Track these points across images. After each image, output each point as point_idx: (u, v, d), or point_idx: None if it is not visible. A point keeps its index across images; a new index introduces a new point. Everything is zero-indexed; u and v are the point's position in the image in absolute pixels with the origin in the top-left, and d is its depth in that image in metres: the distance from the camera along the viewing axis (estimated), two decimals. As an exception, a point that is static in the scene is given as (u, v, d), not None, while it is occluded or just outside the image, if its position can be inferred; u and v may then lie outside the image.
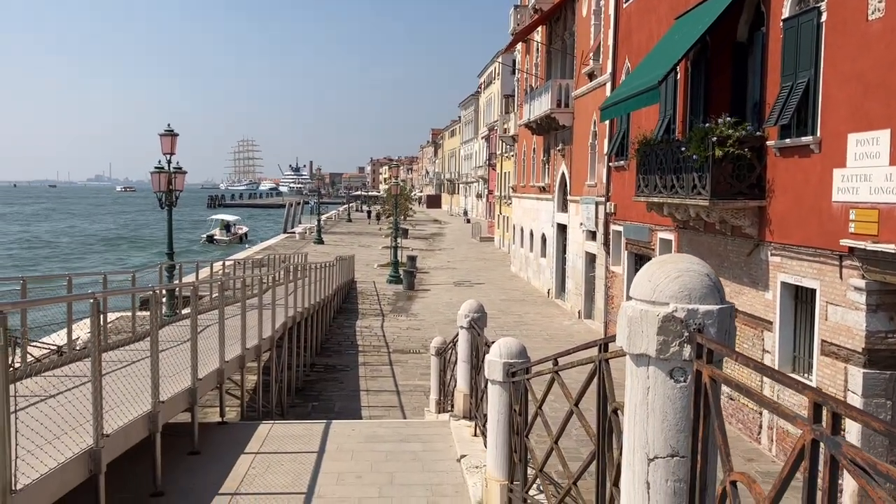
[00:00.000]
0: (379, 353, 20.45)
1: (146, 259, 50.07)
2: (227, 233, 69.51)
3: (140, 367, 8.23)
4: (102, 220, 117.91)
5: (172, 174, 19.81)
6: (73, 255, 63.58)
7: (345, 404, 15.69)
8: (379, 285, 33.21)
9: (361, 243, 55.14)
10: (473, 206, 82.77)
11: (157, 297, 7.48)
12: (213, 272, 20.21)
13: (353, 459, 8.25)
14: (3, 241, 71.93)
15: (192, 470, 7.86)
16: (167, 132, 19.65)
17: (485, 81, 71.23)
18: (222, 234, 69.23)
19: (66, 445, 5.51)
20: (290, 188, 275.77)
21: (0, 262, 56.27)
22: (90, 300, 6.01)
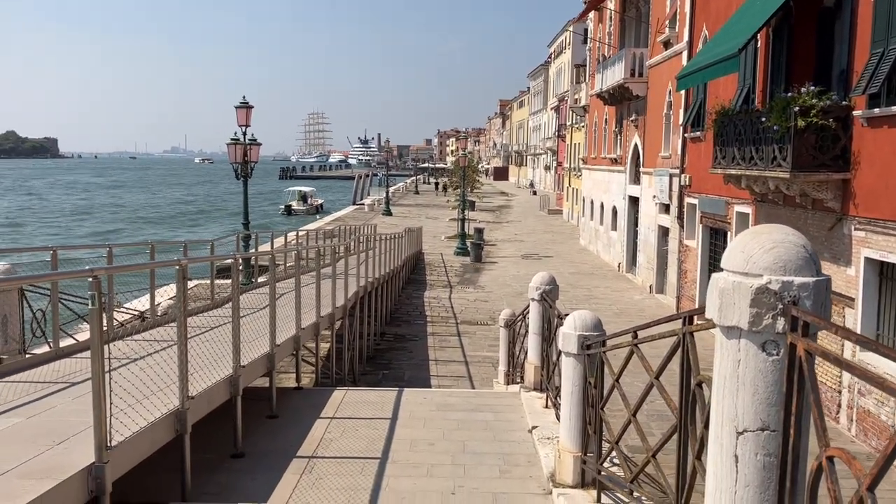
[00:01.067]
0: (447, 323, 20.59)
1: (226, 228, 51.36)
2: (304, 203, 71.09)
3: (219, 333, 8.46)
4: (188, 190, 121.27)
5: (247, 146, 20.21)
6: (159, 223, 65.82)
7: (414, 373, 15.89)
8: (446, 257, 33.35)
9: (428, 215, 55.37)
10: (541, 179, 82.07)
11: (237, 264, 7.67)
12: (286, 242, 20.61)
13: (425, 427, 8.36)
14: (94, 210, 75.00)
15: (271, 433, 8.09)
16: (242, 104, 20.02)
17: (555, 51, 70.18)
18: (299, 204, 70.84)
19: (155, 406, 5.72)
20: (358, 160, 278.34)
21: (91, 229, 58.69)
22: (176, 266, 6.20)
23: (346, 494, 6.24)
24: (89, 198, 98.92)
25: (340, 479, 6.61)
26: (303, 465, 6.99)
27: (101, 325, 4.58)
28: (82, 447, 5.03)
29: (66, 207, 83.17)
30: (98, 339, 4.58)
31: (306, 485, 6.51)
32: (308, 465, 7.02)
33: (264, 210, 74.07)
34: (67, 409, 6.34)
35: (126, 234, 55.30)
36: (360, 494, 6.26)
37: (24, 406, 6.40)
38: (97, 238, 50.69)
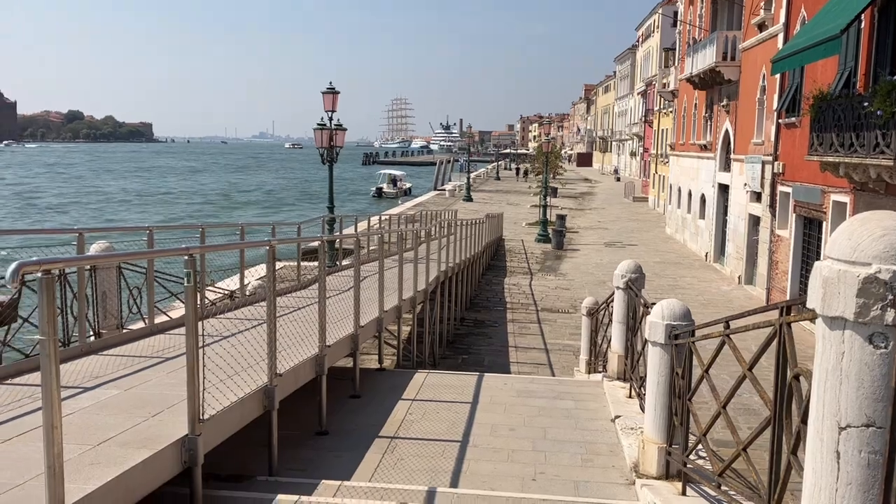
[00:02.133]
0: (527, 310, 20.49)
1: (314, 212, 52.49)
2: (394, 187, 72.30)
3: (305, 314, 8.63)
4: (277, 174, 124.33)
5: (333, 131, 20.53)
6: (251, 206, 67.84)
7: (494, 359, 15.89)
8: (527, 244, 33.16)
9: (509, 201, 55.13)
10: (627, 165, 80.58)
11: (324, 246, 7.81)
12: (369, 226, 20.88)
13: (505, 413, 8.35)
14: (193, 193, 77.96)
15: (354, 412, 8.23)
16: (329, 90, 20.31)
17: (643, 34, 68.56)
18: (389, 187, 72.08)
19: (245, 381, 5.89)
20: (440, 146, 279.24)
21: (188, 210, 60.88)
22: (266, 247, 6.36)
23: (427, 475, 6.29)
24: (187, 179, 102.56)
25: (421, 461, 6.67)
26: (385, 445, 7.09)
27: (195, 301, 4.74)
28: (176, 419, 5.22)
29: (165, 188, 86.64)
30: (193, 315, 4.73)
31: (388, 464, 6.59)
32: (390, 445, 7.11)
33: (349, 194, 75.60)
34: (162, 382, 6.59)
35: (218, 216, 57.18)
36: (440, 476, 6.31)
37: (122, 378, 6.69)
38: (192, 219, 52.57)
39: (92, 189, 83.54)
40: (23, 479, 4.14)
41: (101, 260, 8.45)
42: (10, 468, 4.33)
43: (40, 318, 3.44)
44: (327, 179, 21.61)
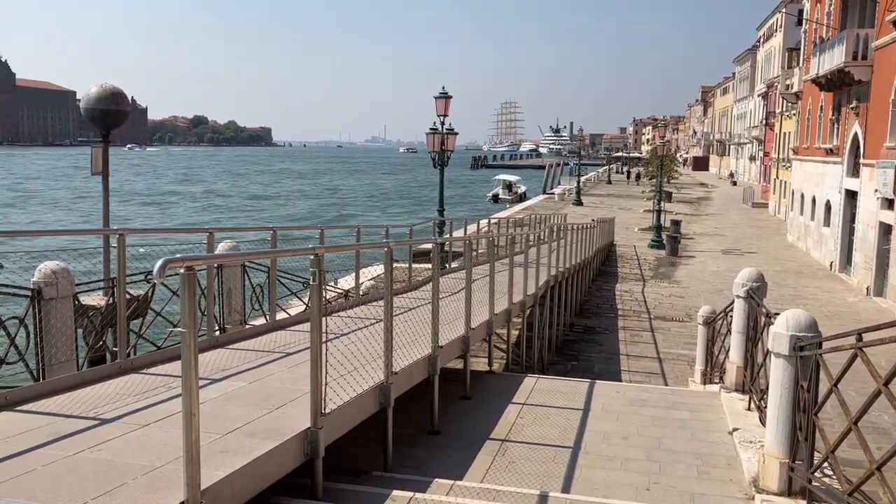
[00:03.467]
0: (639, 318, 20.08)
1: (427, 214, 53.28)
2: (509, 192, 72.50)
3: (417, 314, 8.79)
4: (392, 177, 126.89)
5: (445, 135, 20.77)
6: (368, 208, 69.53)
7: (604, 366, 15.66)
8: (640, 249, 32.49)
9: (621, 206, 54.15)
10: (745, 169, 77.62)
11: (437, 249, 7.94)
12: (479, 229, 20.99)
13: (618, 421, 8.22)
14: (315, 194, 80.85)
15: (465, 413, 8.31)
16: (441, 94, 20.57)
17: (765, 34, 65.91)
18: (505, 193, 72.35)
19: (363, 378, 6.05)
20: (549, 149, 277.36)
21: (306, 211, 63.07)
22: (384, 248, 6.52)
23: (538, 480, 6.28)
24: (308, 182, 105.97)
25: (533, 465, 6.66)
26: (496, 448, 7.12)
27: (320, 299, 4.92)
28: (298, 412, 5.43)
29: (287, 190, 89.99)
30: (318, 312, 4.92)
31: (500, 467, 6.62)
32: (501, 447, 7.14)
33: (460, 197, 76.45)
34: (284, 376, 6.86)
35: (336, 217, 58.83)
36: (552, 481, 6.28)
37: (247, 372, 7.01)
38: (312, 220, 54.34)
39: (213, 190, 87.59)
40: (161, 463, 4.41)
41: (237, 258, 8.89)
42: (150, 452, 4.62)
43: (182, 311, 3.67)
44: (438, 183, 21.86)
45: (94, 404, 5.68)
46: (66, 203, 66.76)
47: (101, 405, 5.66)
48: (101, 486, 4.08)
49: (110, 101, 10.36)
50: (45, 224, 49.83)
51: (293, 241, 11.59)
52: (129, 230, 7.06)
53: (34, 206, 64.17)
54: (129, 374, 6.71)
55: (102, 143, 10.61)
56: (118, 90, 10.56)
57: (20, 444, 4.72)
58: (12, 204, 64.89)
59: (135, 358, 7.12)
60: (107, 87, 10.49)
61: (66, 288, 7.62)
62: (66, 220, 52.25)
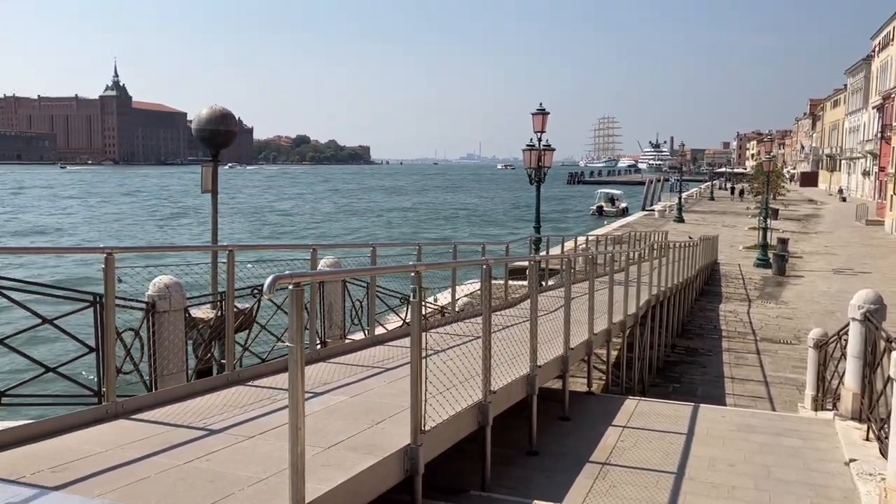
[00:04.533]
0: (744, 340, 19.32)
1: (525, 231, 53.05)
2: (612, 206, 71.84)
3: (514, 332, 8.70)
4: (494, 193, 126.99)
5: (542, 151, 20.71)
6: (466, 223, 69.85)
7: (707, 389, 15.12)
8: (744, 268, 31.34)
9: (724, 223, 52.45)
10: (858, 185, 73.96)
11: (535, 266, 7.86)
12: (576, 246, 20.75)
13: (724, 447, 7.91)
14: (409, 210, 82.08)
15: (563, 435, 8.17)
16: (539, 111, 20.54)
17: (880, 43, 62.84)
18: (608, 206, 71.74)
19: (461, 395, 6.01)
20: (648, 165, 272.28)
21: (401, 228, 63.98)
22: (482, 266, 6.51)
23: (641, 506, 6.10)
24: (408, 199, 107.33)
25: (635, 490, 6.47)
26: (596, 471, 6.96)
27: (420, 315, 4.94)
28: (398, 428, 5.46)
29: (386, 207, 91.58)
30: (418, 328, 4.94)
31: (600, 490, 6.47)
32: (601, 471, 6.97)
33: (559, 213, 76.01)
34: (383, 391, 6.93)
35: (432, 233, 59.27)
36: (655, 508, 6.08)
37: (348, 386, 7.12)
38: (411, 236, 54.95)
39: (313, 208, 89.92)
40: (266, 475, 4.52)
41: (342, 275, 9.07)
42: (256, 463, 4.74)
43: (289, 327, 3.75)
44: (535, 199, 21.76)
45: (203, 415, 5.88)
46: (177, 218, 69.95)
47: (210, 416, 5.86)
48: (209, 496, 4.20)
49: (219, 121, 10.80)
50: (158, 239, 52.30)
51: (392, 258, 11.73)
52: (238, 246, 7.32)
53: (151, 221, 67.49)
54: (235, 385, 6.92)
55: (212, 163, 11.08)
56: (227, 111, 11.00)
57: (135, 451, 4.93)
58: (124, 218, 68.51)
59: (241, 370, 7.35)
60: (216, 108, 10.94)
61: (178, 301, 7.96)
62: (178, 235, 54.68)
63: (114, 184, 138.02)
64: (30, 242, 45.76)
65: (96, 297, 6.70)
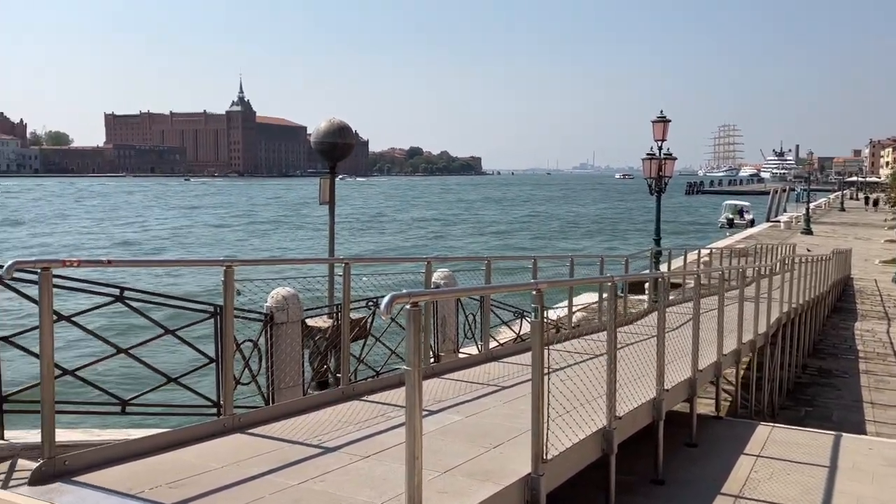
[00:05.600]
0: (885, 361, 17.89)
1: (638, 241, 51.60)
2: (741, 217, 69.23)
3: (634, 351, 8.24)
4: (607, 204, 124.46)
5: (662, 160, 19.97)
6: (584, 234, 68.65)
7: (844, 414, 14.02)
8: (882, 284, 29.24)
9: (857, 235, 49.36)
10: None
11: (665, 283, 7.40)
12: (699, 259, 19.85)
13: (873, 483, 7.17)
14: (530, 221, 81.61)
15: (691, 462, 7.65)
16: (659, 119, 19.84)
17: None
18: (737, 218, 69.20)
19: (582, 419, 5.65)
20: (772, 174, 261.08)
21: (519, 239, 63.45)
22: (608, 282, 6.15)
23: (781, 547, 5.56)
24: (524, 210, 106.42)
25: (773, 529, 5.93)
26: (729, 504, 6.44)
27: (542, 337, 4.65)
28: (517, 454, 5.18)
29: (500, 218, 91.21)
30: (540, 352, 4.64)
31: (734, 528, 5.96)
32: (735, 504, 6.45)
33: (680, 224, 73.68)
34: (499, 412, 6.66)
35: (547, 245, 58.31)
36: (798, 551, 5.53)
37: (463, 405, 6.88)
38: (528, 247, 54.30)
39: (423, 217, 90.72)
40: (381, 500, 4.33)
41: (460, 293, 8.91)
42: (371, 486, 4.56)
43: (407, 349, 3.54)
44: (654, 210, 21.01)
45: (319, 431, 5.78)
46: (294, 229, 72.05)
47: (325, 432, 5.75)
48: (323, 521, 4.05)
49: (337, 134, 10.86)
50: (275, 250, 53.92)
51: (506, 272, 11.47)
52: (354, 259, 7.24)
53: (272, 232, 69.74)
54: (350, 400, 6.82)
55: (329, 175, 11.16)
56: (345, 124, 11.06)
57: (251, 468, 4.86)
58: (243, 229, 71.20)
59: (356, 384, 7.25)
60: (334, 121, 11.02)
61: (296, 313, 7.98)
62: (294, 247, 56.18)
63: (234, 194, 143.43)
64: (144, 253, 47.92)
65: (216, 308, 6.77)
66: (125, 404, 6.20)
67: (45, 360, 4.52)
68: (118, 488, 4.39)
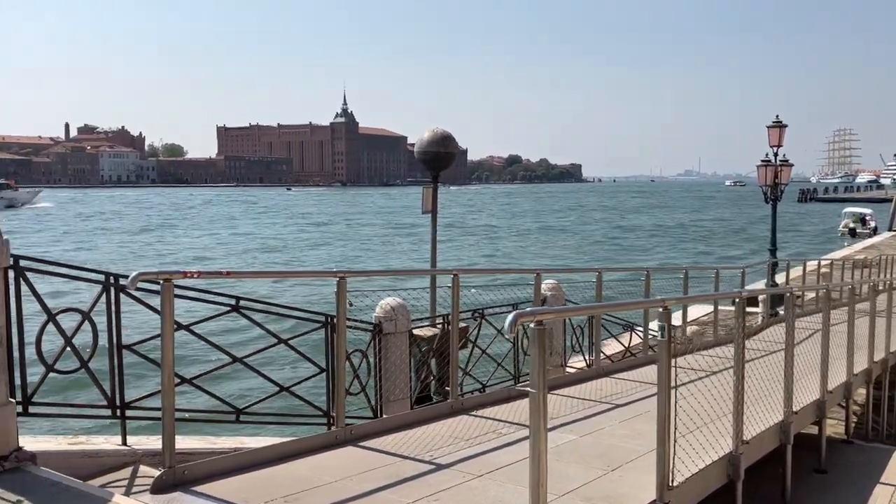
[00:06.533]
0: None
1: (752, 249, 49.04)
2: (863, 226, 65.66)
3: (756, 368, 7.77)
4: (726, 212, 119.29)
5: (779, 167, 19.03)
6: (696, 242, 65.55)
7: None
8: None
9: None
10: None
11: (792, 299, 6.94)
12: (819, 271, 18.82)
13: None
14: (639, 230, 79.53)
15: (821, 490, 7.14)
16: (775, 124, 18.90)
17: None
18: (858, 226, 65.73)
19: (707, 441, 5.29)
20: (893, 180, 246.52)
21: (641, 248, 61.33)
22: (736, 298, 5.79)
23: None
24: (633, 217, 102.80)
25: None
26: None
27: (670, 360, 4.37)
28: (636, 478, 4.93)
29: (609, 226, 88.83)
30: (666, 374, 4.37)
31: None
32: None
33: (794, 234, 70.18)
34: (615, 432, 6.39)
35: (652, 256, 55.63)
36: None
37: (575, 423, 6.64)
38: (628, 257, 52.40)
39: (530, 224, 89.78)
40: (496, 524, 4.17)
41: (583, 311, 8.65)
42: (486, 509, 4.41)
43: (532, 370, 3.37)
44: (770, 219, 20.02)
45: (430, 446, 5.67)
46: (397, 239, 72.39)
47: (436, 448, 5.64)
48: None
49: (441, 143, 10.80)
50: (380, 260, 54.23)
51: (618, 284, 11.08)
52: (463, 270, 7.14)
53: (381, 241, 69.97)
54: (460, 415, 6.70)
55: (432, 184, 11.11)
56: (448, 134, 10.99)
57: (365, 483, 4.79)
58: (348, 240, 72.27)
59: (464, 399, 7.13)
60: (438, 131, 10.97)
61: (403, 324, 7.92)
62: (397, 258, 56.40)
63: (334, 202, 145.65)
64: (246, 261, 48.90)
65: (328, 318, 6.77)
66: (239, 412, 6.25)
67: (166, 369, 4.59)
68: (234, 500, 4.40)
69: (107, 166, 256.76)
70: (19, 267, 4.86)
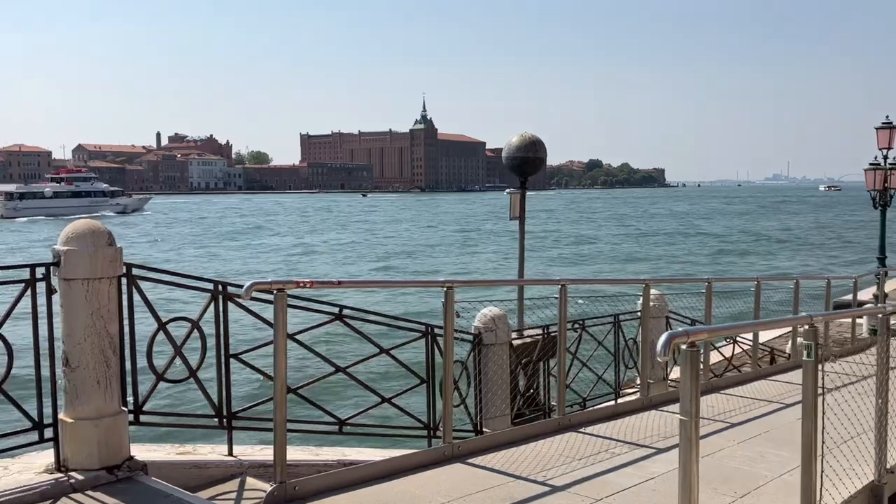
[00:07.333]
0: None
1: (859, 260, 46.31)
2: None
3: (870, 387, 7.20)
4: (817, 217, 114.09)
5: (888, 171, 18.00)
6: (783, 247, 62.63)
7: None
8: None
9: None
10: None
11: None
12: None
13: None
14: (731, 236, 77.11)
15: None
16: (885, 125, 17.90)
17: None
18: None
19: (842, 466, 4.85)
20: None
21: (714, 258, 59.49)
22: (879, 315, 5.32)
23: None
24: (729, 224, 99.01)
25: None
26: None
27: (816, 381, 3.97)
28: None
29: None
30: (813, 397, 3.96)
31: None
32: None
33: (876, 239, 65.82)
34: (735, 453, 6.00)
35: (737, 264, 53.04)
36: None
37: (690, 442, 6.26)
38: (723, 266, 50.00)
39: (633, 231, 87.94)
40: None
41: (737, 330, 8.22)
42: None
43: (682, 396, 3.07)
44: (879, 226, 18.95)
45: (540, 465, 5.42)
46: (486, 247, 71.13)
47: (547, 468, 5.38)
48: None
49: (529, 149, 10.53)
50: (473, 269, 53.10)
51: (727, 294, 10.49)
52: (570, 280, 6.82)
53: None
54: (567, 431, 6.42)
55: (520, 190, 10.83)
56: (536, 138, 10.70)
57: (477, 504, 4.57)
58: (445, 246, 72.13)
59: (571, 415, 6.84)
60: (526, 135, 10.69)
61: (504, 334, 7.67)
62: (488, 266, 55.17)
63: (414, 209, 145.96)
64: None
65: (428, 328, 6.59)
66: (342, 424, 6.13)
67: (278, 381, 4.48)
68: (347, 519, 4.25)
69: (196, 174, 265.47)
70: (132, 275, 4.84)
